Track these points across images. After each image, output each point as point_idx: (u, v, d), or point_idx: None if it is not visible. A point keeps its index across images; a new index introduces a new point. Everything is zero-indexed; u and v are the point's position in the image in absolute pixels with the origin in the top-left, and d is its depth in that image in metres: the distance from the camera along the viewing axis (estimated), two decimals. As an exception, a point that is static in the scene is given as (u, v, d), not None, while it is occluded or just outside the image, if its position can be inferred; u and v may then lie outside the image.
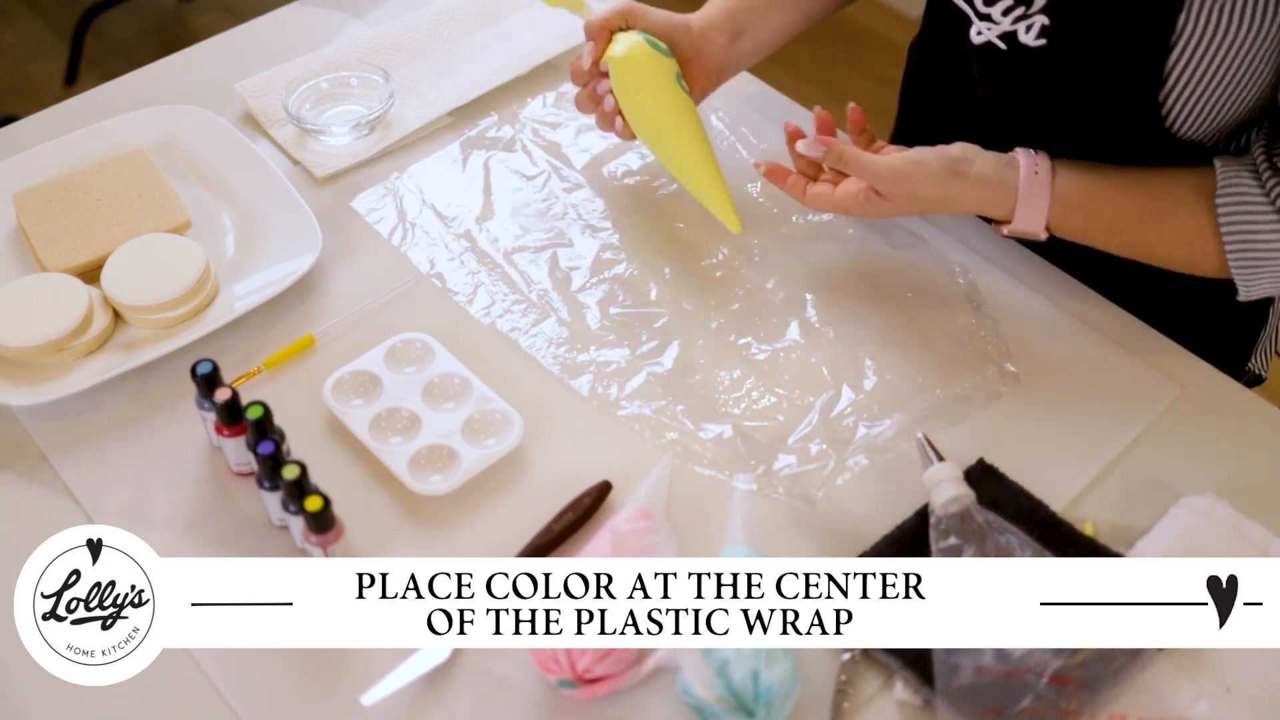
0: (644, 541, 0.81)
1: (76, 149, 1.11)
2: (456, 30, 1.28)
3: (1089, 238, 0.98)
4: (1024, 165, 0.95)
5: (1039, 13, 0.93)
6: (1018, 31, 0.94)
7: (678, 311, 1.02)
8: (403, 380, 0.95)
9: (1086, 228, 0.97)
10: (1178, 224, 0.94)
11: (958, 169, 0.95)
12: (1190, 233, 0.94)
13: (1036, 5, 0.93)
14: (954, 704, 0.76)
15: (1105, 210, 0.95)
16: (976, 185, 0.95)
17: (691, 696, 0.76)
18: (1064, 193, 0.95)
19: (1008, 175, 0.95)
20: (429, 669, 0.79)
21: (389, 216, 1.10)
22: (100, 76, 2.63)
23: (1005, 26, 0.95)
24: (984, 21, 0.96)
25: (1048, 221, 0.96)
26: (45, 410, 0.94)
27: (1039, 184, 0.95)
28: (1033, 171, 0.95)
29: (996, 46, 0.97)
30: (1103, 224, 0.96)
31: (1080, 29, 0.91)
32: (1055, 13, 0.92)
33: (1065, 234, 0.97)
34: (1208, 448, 0.93)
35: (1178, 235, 0.94)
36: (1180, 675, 0.78)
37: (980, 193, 0.96)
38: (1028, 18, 0.93)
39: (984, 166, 0.95)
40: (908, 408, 0.95)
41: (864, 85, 2.57)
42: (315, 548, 0.81)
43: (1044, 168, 0.95)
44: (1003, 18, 0.95)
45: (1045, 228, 0.96)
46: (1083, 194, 0.95)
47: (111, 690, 0.77)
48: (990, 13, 0.96)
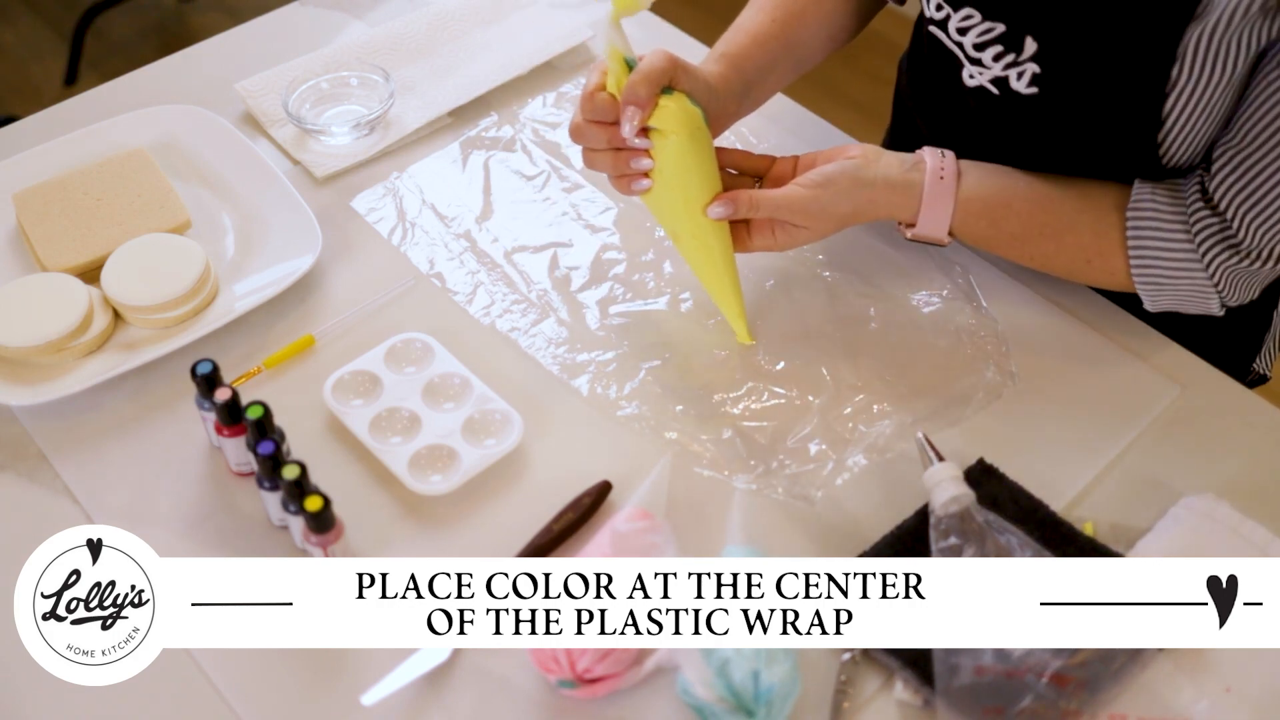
0: (644, 541, 0.81)
1: (76, 149, 1.11)
2: (456, 30, 1.28)
3: (993, 246, 0.97)
4: (930, 167, 0.94)
5: (1030, 60, 0.92)
6: (1009, 78, 0.94)
7: (677, 311, 1.02)
8: (403, 380, 0.95)
9: (989, 236, 0.96)
10: (1079, 240, 0.94)
11: (860, 177, 0.93)
12: (1090, 250, 0.94)
13: (1027, 53, 0.91)
14: (954, 704, 0.76)
15: (1009, 220, 0.95)
16: (883, 189, 0.94)
17: (691, 696, 0.76)
18: (968, 200, 0.94)
19: (913, 177, 0.94)
20: (429, 669, 0.79)
21: (389, 216, 1.10)
22: (100, 76, 2.63)
23: (996, 72, 0.94)
24: (975, 66, 0.96)
25: (951, 227, 0.95)
26: (45, 410, 0.94)
27: (944, 188, 0.94)
28: (938, 175, 0.94)
29: (989, 91, 0.96)
30: (1005, 233, 0.96)
31: (1073, 79, 0.91)
32: (1046, 62, 0.91)
33: (969, 240, 0.97)
34: (1208, 448, 0.93)
35: (1078, 251, 0.95)
36: (1180, 675, 0.78)
37: (887, 196, 0.94)
38: (1019, 65, 0.92)
39: (888, 169, 0.94)
40: (908, 408, 0.95)
41: (863, 85, 2.57)
42: (315, 548, 0.81)
43: (950, 171, 0.94)
44: (994, 63, 0.94)
45: (949, 233, 0.95)
46: (985, 202, 0.95)
47: (111, 690, 0.77)
48: (981, 58, 0.95)
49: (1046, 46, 0.90)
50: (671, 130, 0.89)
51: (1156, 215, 0.92)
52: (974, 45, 0.94)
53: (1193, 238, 0.91)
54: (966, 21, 0.94)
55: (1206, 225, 0.90)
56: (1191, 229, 0.91)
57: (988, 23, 0.93)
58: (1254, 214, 0.88)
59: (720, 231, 0.94)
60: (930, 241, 0.96)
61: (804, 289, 1.04)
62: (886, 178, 0.94)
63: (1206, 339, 1.05)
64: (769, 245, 0.96)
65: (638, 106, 0.87)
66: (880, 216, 0.96)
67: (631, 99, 0.87)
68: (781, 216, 0.93)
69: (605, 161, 0.93)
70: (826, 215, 0.93)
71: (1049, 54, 0.91)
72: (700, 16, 1.21)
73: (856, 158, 0.94)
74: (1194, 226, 0.91)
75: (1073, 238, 0.95)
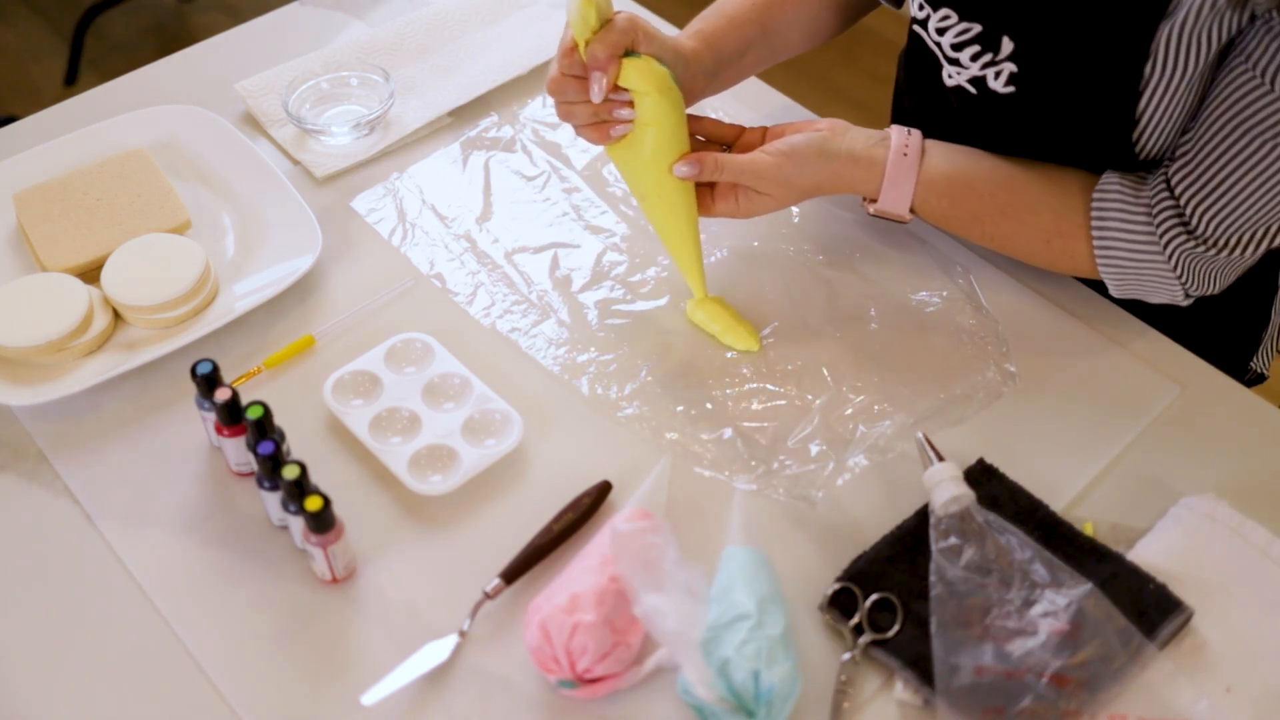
0: (644, 541, 0.81)
1: (76, 149, 1.11)
2: (456, 30, 1.28)
3: (953, 225, 0.99)
4: (894, 144, 0.95)
5: (1007, 60, 0.92)
6: (986, 77, 0.95)
7: (678, 312, 1.02)
8: (403, 380, 0.95)
9: (950, 214, 0.97)
10: (1039, 220, 0.95)
11: (826, 149, 0.94)
12: (1050, 230, 0.95)
13: (1004, 53, 0.92)
14: (954, 704, 0.76)
15: (970, 199, 0.96)
16: (847, 163, 0.95)
17: (692, 697, 0.76)
18: (930, 177, 0.95)
19: (877, 153, 0.95)
20: (429, 669, 0.79)
21: (389, 217, 1.10)
22: (100, 76, 2.63)
23: (974, 72, 0.95)
24: (953, 65, 0.97)
25: (912, 204, 0.96)
26: (45, 410, 0.94)
27: (907, 165, 0.95)
28: (902, 152, 0.95)
29: (967, 90, 0.97)
30: (966, 212, 0.97)
31: (1049, 78, 0.92)
32: (1023, 62, 0.92)
33: (930, 218, 0.98)
34: (1208, 448, 0.93)
35: (1037, 232, 0.96)
36: (1180, 675, 0.78)
37: (851, 170, 0.95)
38: (996, 64, 0.93)
39: (853, 142, 0.95)
40: (908, 408, 0.95)
41: (862, 84, 2.57)
42: (315, 548, 0.81)
43: (914, 149, 0.95)
44: (971, 63, 0.95)
45: (910, 209, 0.96)
46: (949, 181, 0.96)
47: (111, 690, 0.77)
48: (959, 58, 0.96)
49: (1023, 46, 0.91)
50: (641, 90, 0.90)
51: (1121, 199, 0.93)
52: (952, 45, 0.95)
53: (1154, 222, 0.92)
54: (944, 22, 0.95)
55: (1166, 211, 0.91)
56: (1153, 214, 0.92)
57: (965, 23, 0.94)
58: (1206, 203, 0.89)
59: (685, 192, 0.95)
60: (892, 218, 0.98)
61: (804, 289, 1.04)
62: (851, 152, 0.95)
63: (1204, 338, 1.05)
64: (731, 211, 0.97)
65: (600, 70, 0.89)
66: (843, 190, 0.98)
67: (593, 64, 0.89)
68: (746, 182, 0.94)
69: (584, 112, 0.93)
70: (790, 184, 0.95)
71: (1025, 54, 0.92)
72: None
73: (824, 130, 0.95)
74: (1156, 212, 0.92)
75: (1033, 218, 0.96)
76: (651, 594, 0.77)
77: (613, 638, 0.78)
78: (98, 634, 0.82)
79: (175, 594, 0.84)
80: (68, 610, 0.84)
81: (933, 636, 0.79)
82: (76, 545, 0.87)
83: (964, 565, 0.81)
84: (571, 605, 0.77)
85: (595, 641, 0.76)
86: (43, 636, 0.82)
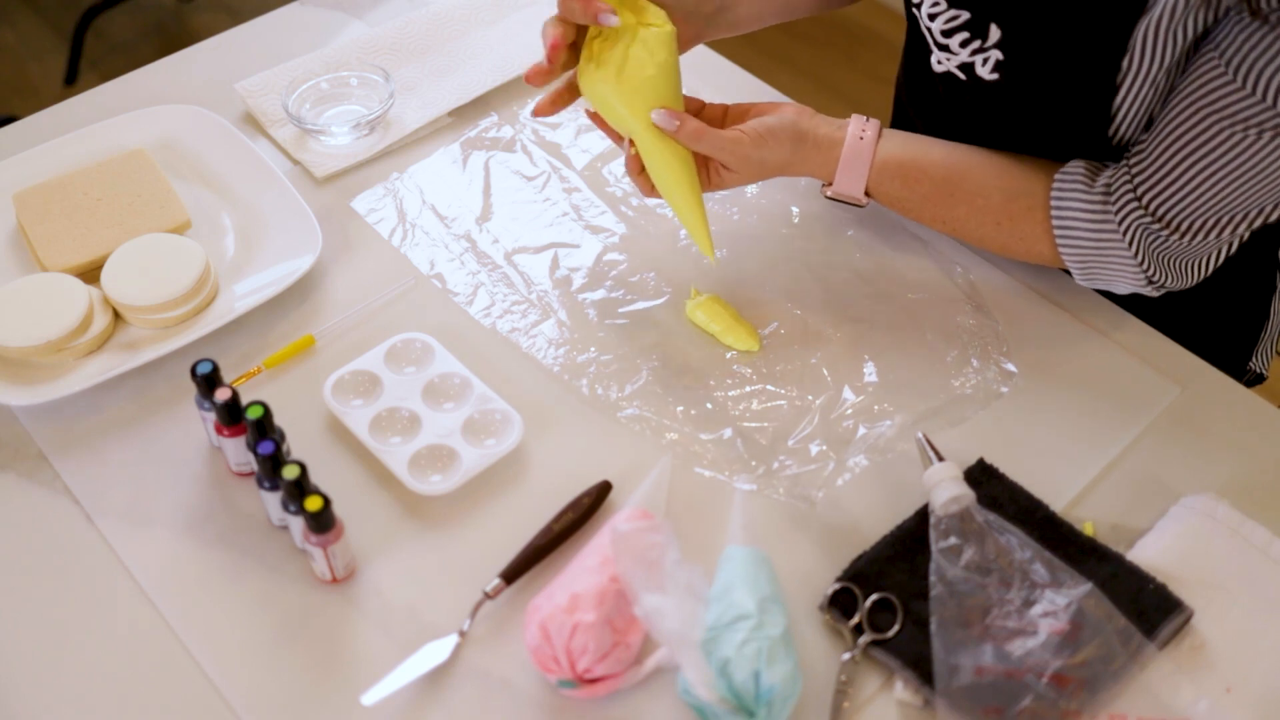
0: (644, 541, 0.81)
1: (76, 149, 1.11)
2: (456, 30, 1.28)
3: (907, 208, 1.00)
4: (852, 129, 0.97)
5: (994, 47, 0.94)
6: (975, 64, 0.96)
7: (678, 312, 1.02)
8: (403, 380, 0.95)
9: (903, 196, 0.99)
10: (988, 203, 0.96)
11: (799, 133, 0.97)
12: (1000, 213, 0.96)
13: (992, 40, 0.93)
14: (954, 704, 0.76)
15: (920, 182, 0.98)
16: (813, 148, 0.97)
17: (692, 697, 0.76)
18: (884, 161, 0.97)
19: (837, 137, 0.97)
20: (429, 669, 0.79)
21: (389, 217, 1.10)
22: (100, 76, 2.64)
23: (963, 58, 0.96)
24: (943, 51, 0.98)
25: (867, 186, 0.98)
26: (45, 410, 0.94)
27: (862, 149, 0.97)
28: (859, 136, 0.97)
29: (956, 76, 0.98)
30: (917, 194, 0.98)
31: (1032, 67, 0.93)
32: (1009, 49, 0.93)
33: (885, 202, 1.00)
34: (1208, 448, 0.93)
35: (986, 214, 0.97)
36: (1180, 675, 0.78)
37: (814, 153, 0.98)
38: (984, 51, 0.94)
39: (817, 128, 0.98)
40: (908, 408, 0.95)
41: (863, 84, 2.57)
42: (315, 548, 0.81)
43: (870, 134, 0.97)
44: (960, 49, 0.96)
45: (865, 192, 0.98)
46: (901, 165, 0.97)
47: (111, 689, 0.77)
48: (949, 44, 0.97)
49: (1010, 33, 0.92)
50: (649, 22, 0.91)
51: (1082, 181, 0.93)
52: (941, 31, 0.97)
53: (1111, 199, 0.92)
54: (935, 8, 0.96)
55: (1124, 191, 0.92)
56: (1111, 194, 0.92)
57: (953, 10, 0.95)
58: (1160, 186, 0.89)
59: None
60: (848, 200, 1.00)
61: (804, 290, 1.04)
62: (816, 136, 0.97)
63: (1203, 338, 1.05)
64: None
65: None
66: (804, 173, 1.00)
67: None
68: (721, 157, 0.95)
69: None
70: (763, 164, 0.97)
71: (1012, 41, 0.93)
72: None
73: (794, 115, 0.97)
74: (1113, 191, 0.92)
75: (982, 200, 0.97)
76: (652, 594, 0.77)
77: (613, 638, 0.78)
78: (98, 634, 0.82)
79: (175, 594, 0.84)
80: (68, 610, 0.84)
81: (933, 636, 0.79)
82: (76, 545, 0.87)
83: (964, 565, 0.81)
84: (571, 605, 0.77)
85: (595, 641, 0.76)
86: (42, 636, 0.82)
